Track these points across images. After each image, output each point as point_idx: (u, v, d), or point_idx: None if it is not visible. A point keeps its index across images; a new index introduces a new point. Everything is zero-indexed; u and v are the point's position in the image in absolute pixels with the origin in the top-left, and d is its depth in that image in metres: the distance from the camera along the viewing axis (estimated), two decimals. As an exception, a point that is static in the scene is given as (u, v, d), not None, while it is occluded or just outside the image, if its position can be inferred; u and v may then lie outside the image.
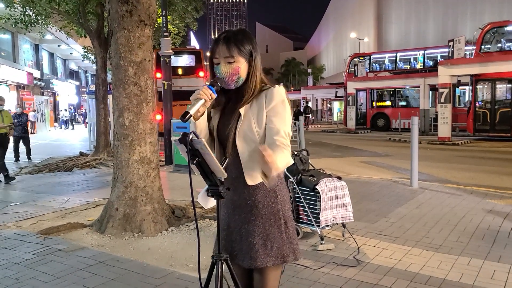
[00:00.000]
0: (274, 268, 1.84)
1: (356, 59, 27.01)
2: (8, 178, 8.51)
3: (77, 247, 4.24)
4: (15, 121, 11.61)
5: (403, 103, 23.98)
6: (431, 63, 23.64)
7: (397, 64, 25.28)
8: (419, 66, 24.33)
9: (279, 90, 1.80)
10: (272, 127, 1.77)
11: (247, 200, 1.83)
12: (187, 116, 1.67)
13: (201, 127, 1.82)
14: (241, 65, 1.80)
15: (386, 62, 26.11)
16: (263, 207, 1.83)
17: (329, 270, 3.57)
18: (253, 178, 1.80)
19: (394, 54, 26.28)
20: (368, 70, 25.52)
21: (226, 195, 1.72)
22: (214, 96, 1.74)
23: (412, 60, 25.08)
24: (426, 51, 24.75)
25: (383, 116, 24.13)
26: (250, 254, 1.79)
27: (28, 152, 12.21)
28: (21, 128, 11.77)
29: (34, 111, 24.98)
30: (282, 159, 1.66)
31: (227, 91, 1.88)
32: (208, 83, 1.79)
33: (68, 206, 6.16)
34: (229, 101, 1.89)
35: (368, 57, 27.11)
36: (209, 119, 1.90)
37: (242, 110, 1.79)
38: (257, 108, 1.80)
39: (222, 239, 1.85)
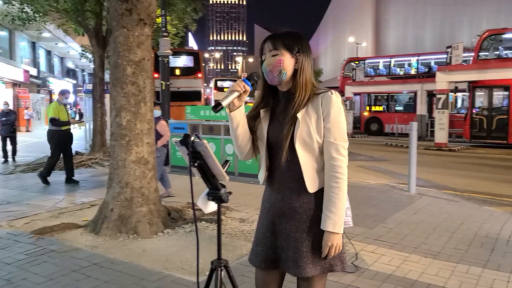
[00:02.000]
0: (320, 277, 1.80)
1: (352, 63, 27.08)
2: (72, 181, 7.94)
3: (71, 248, 4.17)
4: (3, 119, 11.21)
5: (399, 108, 24.02)
6: (425, 69, 23.72)
7: (391, 69, 25.32)
8: (413, 71, 24.38)
9: (337, 97, 1.73)
10: (332, 141, 1.70)
11: (298, 208, 1.76)
12: (219, 107, 1.63)
13: (237, 120, 1.73)
14: (285, 58, 1.73)
15: (381, 67, 26.14)
16: (312, 215, 1.77)
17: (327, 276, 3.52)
18: (314, 185, 1.74)
19: (389, 59, 26.32)
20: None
21: (275, 202, 1.67)
22: (249, 89, 1.70)
23: (406, 66, 25.13)
24: (420, 57, 24.80)
25: (376, 120, 24.18)
26: (298, 262, 1.74)
27: (14, 152, 11.44)
28: (9, 127, 11.26)
29: (26, 108, 24.71)
30: (341, 210, 1.73)
31: (276, 92, 1.82)
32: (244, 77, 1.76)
33: (62, 206, 6.08)
34: (279, 103, 1.82)
35: (363, 61, 27.17)
36: (256, 118, 1.84)
37: (299, 115, 1.70)
38: (315, 113, 1.72)
39: (264, 246, 1.80)
